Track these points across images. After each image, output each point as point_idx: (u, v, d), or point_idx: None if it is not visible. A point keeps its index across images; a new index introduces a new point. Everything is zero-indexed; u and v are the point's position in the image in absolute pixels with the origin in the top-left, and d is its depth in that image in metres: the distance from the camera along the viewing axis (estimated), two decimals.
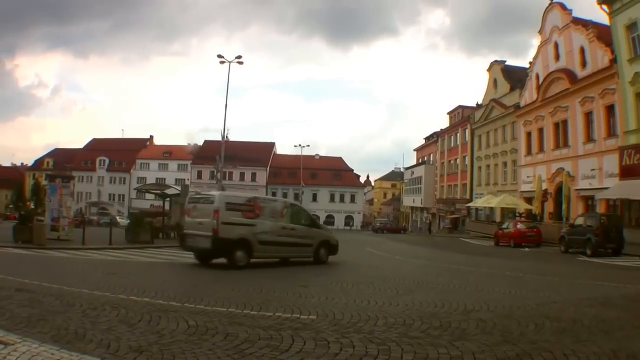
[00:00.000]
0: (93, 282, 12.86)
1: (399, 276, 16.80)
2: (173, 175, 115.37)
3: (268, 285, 13.43)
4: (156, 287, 12.51)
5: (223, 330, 7.66)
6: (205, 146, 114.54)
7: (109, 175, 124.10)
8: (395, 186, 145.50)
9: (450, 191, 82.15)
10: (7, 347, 6.32)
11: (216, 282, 14.24)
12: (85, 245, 25.85)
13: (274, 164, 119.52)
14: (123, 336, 7.15)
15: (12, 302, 9.47)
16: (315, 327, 8.07)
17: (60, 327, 7.59)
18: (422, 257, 27.61)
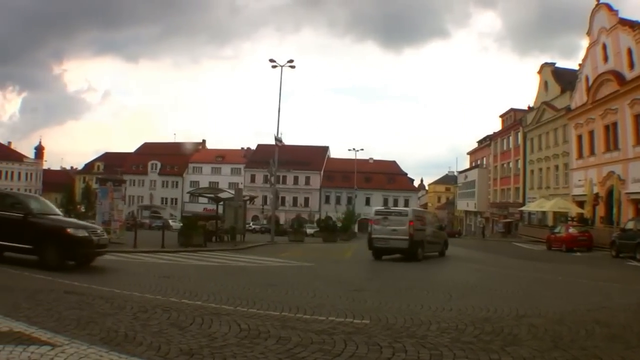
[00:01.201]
0: (144, 285, 13.00)
1: (452, 280, 17.59)
2: (226, 178, 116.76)
3: (321, 289, 13.58)
4: (208, 290, 12.57)
5: (275, 334, 7.66)
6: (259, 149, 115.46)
7: (161, 179, 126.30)
8: (449, 190, 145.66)
9: (503, 195, 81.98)
10: (54, 349, 6.32)
11: (269, 286, 14.26)
12: (136, 248, 26.14)
13: (328, 168, 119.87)
14: (173, 339, 7.15)
15: (60, 304, 9.53)
16: (368, 331, 8.06)
17: (109, 329, 7.61)
18: (475, 261, 28.22)
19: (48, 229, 15.48)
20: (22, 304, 9.20)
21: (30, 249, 15.14)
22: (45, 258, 14.99)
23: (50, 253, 14.99)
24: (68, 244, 15.24)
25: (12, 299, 9.64)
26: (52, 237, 15.22)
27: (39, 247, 15.03)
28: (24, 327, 7.33)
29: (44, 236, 15.14)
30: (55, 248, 15.05)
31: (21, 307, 8.90)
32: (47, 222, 15.99)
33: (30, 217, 15.60)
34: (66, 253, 15.32)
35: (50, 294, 10.59)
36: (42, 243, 15.02)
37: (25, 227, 15.22)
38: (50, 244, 15.05)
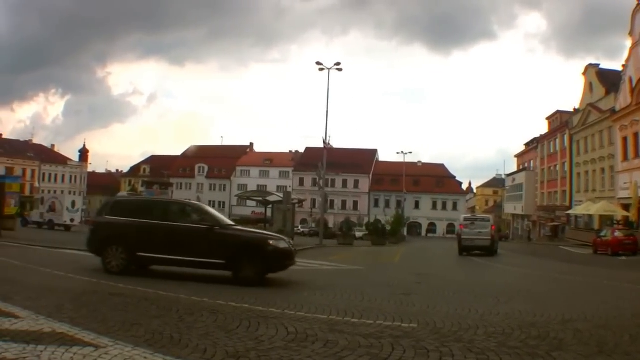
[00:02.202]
0: (191, 287, 12.98)
1: (500, 284, 18.04)
2: (274, 182, 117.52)
3: (370, 293, 13.60)
4: (255, 293, 12.54)
5: (323, 337, 7.68)
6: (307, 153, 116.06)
7: (208, 182, 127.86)
8: (496, 193, 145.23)
9: (550, 198, 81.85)
10: (97, 350, 6.36)
11: (317, 289, 14.25)
12: None
13: (376, 171, 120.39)
14: (220, 341, 7.17)
15: (105, 305, 9.66)
16: (415, 335, 8.11)
17: (155, 331, 7.65)
18: (522, 265, 28.99)
19: (246, 242, 14.85)
20: (66, 305, 9.32)
21: (222, 264, 14.46)
22: (243, 273, 14.16)
23: (248, 267, 14.19)
24: (271, 257, 14.53)
25: (56, 300, 9.78)
26: (252, 250, 14.51)
27: (235, 262, 14.26)
28: (67, 328, 7.40)
29: (241, 249, 14.47)
30: (255, 262, 14.25)
31: (64, 309, 9.01)
32: (244, 234, 15.50)
33: (218, 228, 14.91)
34: (267, 266, 14.55)
35: (94, 296, 10.77)
36: (239, 257, 14.31)
37: (214, 240, 14.55)
38: (250, 257, 14.31)
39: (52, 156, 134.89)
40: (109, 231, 15.16)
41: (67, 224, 50.30)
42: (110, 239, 14.92)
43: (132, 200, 19.21)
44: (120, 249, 14.68)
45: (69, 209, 51.46)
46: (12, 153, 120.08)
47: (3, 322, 7.47)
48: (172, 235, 14.71)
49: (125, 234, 14.83)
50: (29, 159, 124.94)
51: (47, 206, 51.72)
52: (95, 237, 15.47)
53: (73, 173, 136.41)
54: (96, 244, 15.27)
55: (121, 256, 14.65)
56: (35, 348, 6.22)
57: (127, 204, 17.02)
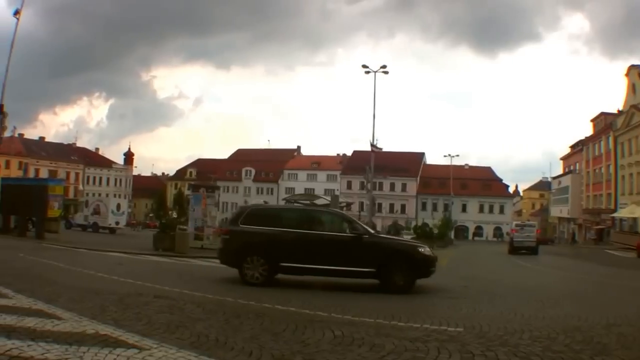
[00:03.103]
0: (237, 291, 13.07)
1: (545, 287, 18.43)
2: (322, 185, 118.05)
3: (417, 296, 13.79)
4: (302, 296, 12.68)
5: (369, 341, 7.69)
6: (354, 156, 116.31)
7: (255, 186, 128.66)
8: (543, 196, 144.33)
9: (596, 201, 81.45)
10: (141, 352, 6.40)
11: (364, 293, 14.26)
12: None
13: (424, 174, 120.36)
14: (266, 344, 7.19)
15: (150, 308, 9.73)
16: (461, 339, 8.14)
17: (200, 333, 7.69)
18: (566, 269, 29.70)
19: (398, 250, 15.08)
20: (110, 307, 9.42)
21: (372, 272, 14.43)
22: (393, 280, 14.18)
23: (399, 275, 14.25)
24: (420, 264, 14.67)
25: (100, 302, 9.90)
26: (403, 257, 14.62)
27: (386, 270, 14.27)
28: (110, 330, 7.47)
29: (392, 257, 14.52)
30: (405, 269, 14.32)
31: (108, 310, 9.12)
32: (393, 242, 16.05)
33: (367, 237, 14.92)
34: (416, 273, 14.57)
35: (139, 298, 10.84)
36: (390, 265, 14.34)
37: (363, 248, 14.53)
38: (401, 265, 14.38)
39: (97, 159, 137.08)
40: (247, 241, 14.94)
41: (111, 226, 51.14)
42: (249, 249, 14.75)
43: (269, 208, 19.34)
44: (260, 259, 14.54)
45: (113, 212, 52.29)
46: (55, 156, 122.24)
47: (45, 323, 7.54)
48: (318, 244, 14.69)
49: (266, 244, 14.69)
50: (73, 162, 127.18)
51: (91, 209, 52.63)
52: (230, 247, 15.24)
53: (118, 176, 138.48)
54: (232, 255, 15.10)
55: (262, 267, 14.50)
56: (78, 349, 6.26)
57: (263, 212, 17.02)
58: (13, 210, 31.33)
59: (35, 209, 30.16)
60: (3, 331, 6.84)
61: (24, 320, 7.54)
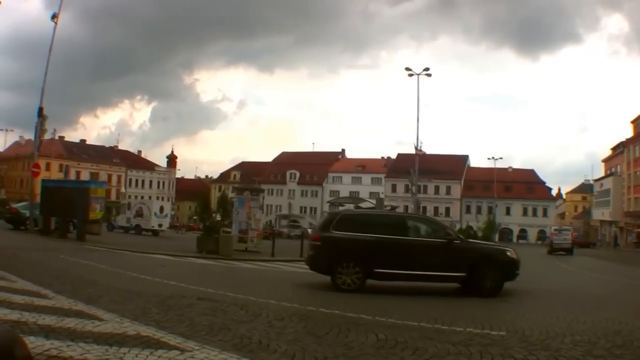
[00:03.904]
0: (281, 293, 13.20)
1: (586, 291, 18.58)
2: (366, 188, 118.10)
3: (460, 299, 14.04)
4: (346, 299, 12.70)
5: (412, 345, 7.79)
6: (399, 159, 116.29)
7: (300, 188, 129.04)
8: (585, 199, 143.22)
9: (637, 204, 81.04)
10: (183, 353, 6.46)
11: (407, 296, 14.38)
12: (274, 257, 26.78)
13: (468, 177, 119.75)
14: (309, 347, 7.26)
15: (192, 310, 9.81)
16: (504, 343, 8.28)
17: (243, 336, 7.75)
18: (608, 272, 29.67)
19: (488, 254, 15.54)
20: (152, 309, 9.54)
21: (463, 277, 14.75)
22: (484, 284, 14.50)
23: (488, 278, 14.57)
24: (507, 267, 15.04)
25: (142, 304, 10.03)
26: (493, 261, 14.99)
27: (477, 273, 14.58)
28: (152, 331, 7.56)
29: (483, 261, 14.86)
30: (495, 272, 14.68)
31: (150, 312, 9.24)
32: (483, 246, 16.64)
33: (457, 242, 15.39)
34: (504, 276, 14.93)
35: (182, 300, 10.94)
36: (481, 269, 14.64)
37: (454, 253, 14.87)
38: (490, 268, 14.72)
39: (139, 162, 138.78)
40: (341, 247, 14.90)
41: (154, 229, 51.60)
42: (342, 255, 14.71)
43: (361, 214, 19.00)
44: (355, 265, 14.53)
45: (156, 214, 52.80)
46: (97, 159, 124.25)
47: (86, 323, 7.65)
48: (410, 250, 14.81)
49: (360, 250, 14.71)
50: (115, 165, 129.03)
51: (133, 211, 53.19)
52: (323, 254, 15.14)
53: (161, 179, 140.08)
54: (325, 261, 15.01)
55: (356, 273, 14.48)
56: (118, 350, 6.35)
57: (355, 218, 16.93)
58: (53, 211, 31.78)
59: (76, 211, 30.55)
60: (42, 331, 6.93)
61: (64, 321, 7.65)
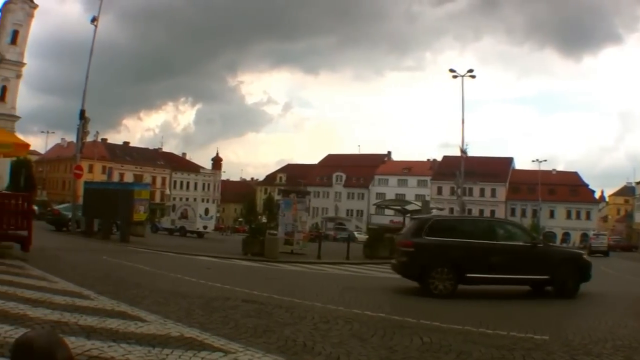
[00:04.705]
0: (326, 296, 13.21)
1: (629, 296, 18.69)
2: (412, 190, 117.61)
3: (504, 303, 14.07)
4: (392, 302, 12.98)
5: (456, 348, 7.90)
6: (444, 161, 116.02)
7: (346, 191, 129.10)
8: (627, 202, 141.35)
9: None
10: (226, 355, 6.51)
11: (452, 299, 14.26)
12: (320, 260, 26.78)
13: (513, 179, 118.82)
14: (354, 350, 7.30)
15: (237, 312, 9.87)
16: (546, 347, 8.35)
17: (287, 338, 7.80)
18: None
19: (568, 257, 16.39)
20: (196, 311, 9.64)
21: (547, 280, 15.24)
22: (566, 286, 15.11)
23: (569, 281, 15.19)
24: (584, 269, 15.55)
25: (186, 306, 10.13)
26: (573, 264, 15.68)
27: (559, 276, 15.08)
28: (196, 333, 7.63)
29: (564, 264, 15.52)
30: (574, 275, 15.31)
31: (195, 314, 9.33)
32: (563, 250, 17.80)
33: (541, 245, 16.19)
34: (581, 278, 15.47)
35: (227, 302, 11.02)
36: (563, 271, 15.20)
37: (538, 256, 15.40)
38: (571, 271, 15.35)
39: (184, 164, 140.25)
40: (435, 253, 14.98)
41: (199, 230, 51.93)
42: (435, 261, 14.79)
43: (452, 220, 19.85)
44: (449, 271, 14.63)
45: (201, 216, 53.11)
46: (140, 161, 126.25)
47: (128, 324, 7.76)
48: (499, 254, 15.11)
49: (453, 255, 14.85)
50: (159, 167, 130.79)
51: (178, 213, 53.63)
52: (417, 260, 15.07)
53: (206, 181, 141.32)
54: (418, 268, 14.97)
55: (449, 279, 14.58)
56: (161, 351, 6.41)
57: (447, 224, 17.22)
58: (96, 213, 32.23)
59: (120, 213, 30.94)
60: (83, 332, 7.05)
61: (106, 322, 7.77)
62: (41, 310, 8.20)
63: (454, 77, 50.82)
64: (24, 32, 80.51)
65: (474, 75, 50.82)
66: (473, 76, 50.84)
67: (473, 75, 50.79)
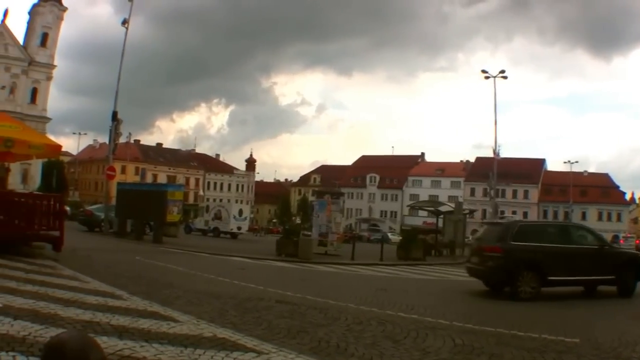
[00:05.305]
0: (360, 297, 13.20)
1: None
2: (445, 192, 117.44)
3: (537, 305, 13.94)
4: (425, 304, 12.81)
5: (488, 350, 8.02)
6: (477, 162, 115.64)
7: (380, 192, 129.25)
8: None
9: None
10: (259, 356, 6.53)
11: (484, 301, 14.56)
12: (353, 261, 26.74)
13: (545, 181, 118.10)
14: (386, 351, 7.35)
15: (270, 312, 9.92)
16: (577, 350, 8.41)
17: (320, 339, 7.84)
18: None
19: (629, 258, 17.11)
20: (230, 311, 9.69)
21: (612, 280, 15.83)
22: (629, 285, 15.92)
23: (631, 280, 15.99)
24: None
25: (219, 306, 10.20)
26: (633, 264, 16.43)
27: (621, 277, 15.77)
28: (229, 333, 7.66)
29: (627, 265, 16.28)
30: (635, 274, 16.09)
31: (228, 314, 9.39)
32: (624, 252, 18.30)
33: (607, 247, 16.92)
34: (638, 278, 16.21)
35: (260, 303, 11.06)
36: (625, 272, 15.95)
37: (605, 258, 16.02)
38: (632, 271, 16.14)
39: (217, 165, 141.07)
40: (521, 257, 15.32)
41: (233, 231, 52.08)
42: (522, 265, 15.19)
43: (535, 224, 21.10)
44: (534, 275, 15.06)
45: (235, 217, 53.26)
46: (174, 162, 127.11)
47: (161, 324, 7.80)
48: (576, 257, 15.67)
49: (537, 259, 15.28)
50: (193, 168, 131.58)
51: (212, 214, 53.84)
52: (505, 264, 15.35)
53: (240, 182, 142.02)
54: (506, 272, 15.28)
55: (534, 282, 14.99)
56: (193, 351, 6.44)
57: (531, 229, 17.94)
58: (130, 214, 32.50)
59: (153, 214, 31.16)
60: (115, 332, 7.08)
61: (138, 322, 7.82)
62: (73, 310, 8.27)
63: (486, 78, 50.67)
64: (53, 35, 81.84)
65: (506, 76, 50.66)
66: (505, 77, 50.64)
67: (505, 76, 50.61)
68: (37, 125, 69.00)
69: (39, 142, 17.19)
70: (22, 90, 78.29)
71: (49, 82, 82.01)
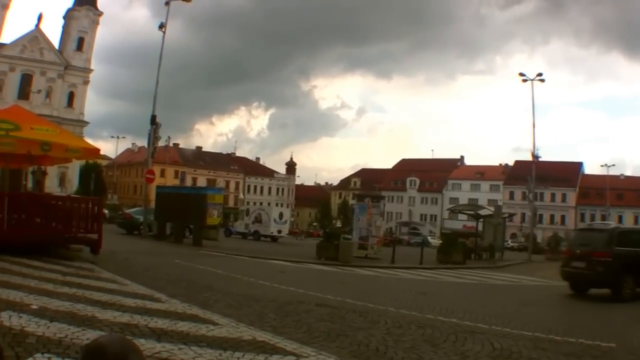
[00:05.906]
0: (400, 301, 13.20)
1: None
2: (485, 195, 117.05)
3: (574, 310, 14.49)
4: (465, 307, 12.81)
5: (526, 355, 8.09)
6: (516, 166, 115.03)
7: (420, 195, 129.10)
8: None
9: None
10: (299, 359, 6.55)
11: (524, 305, 14.49)
12: (394, 264, 26.77)
13: (582, 184, 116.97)
14: (425, 355, 7.39)
15: (310, 316, 9.95)
16: (612, 355, 8.60)
17: (360, 342, 7.83)
18: None
19: None
20: (269, 315, 9.71)
21: None
22: None
23: None
24: None
25: (259, 309, 10.21)
26: None
27: None
28: (268, 336, 7.67)
29: None
30: None
31: (267, 318, 9.40)
32: None
33: None
34: None
35: (300, 306, 11.10)
36: None
37: None
38: None
39: (257, 168, 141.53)
40: (627, 262, 16.34)
41: (273, 235, 52.25)
42: (628, 269, 16.31)
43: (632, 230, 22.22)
44: (632, 278, 16.26)
45: (276, 221, 53.42)
46: (213, 165, 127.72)
47: (200, 327, 7.82)
48: None
49: (636, 263, 16.29)
50: (233, 171, 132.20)
51: (252, 217, 54.07)
52: (613, 269, 16.22)
53: (280, 185, 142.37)
54: (614, 276, 16.20)
55: (633, 284, 16.25)
56: (232, 354, 6.46)
57: (629, 234, 19.18)
58: (169, 217, 32.78)
59: (193, 217, 31.36)
60: (153, 334, 7.14)
61: (177, 324, 7.86)
62: (110, 312, 8.33)
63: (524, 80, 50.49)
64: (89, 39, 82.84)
65: (543, 79, 50.52)
66: (542, 80, 50.48)
67: (542, 79, 50.44)
68: (74, 128, 69.86)
69: (76, 146, 17.37)
70: (59, 94, 79.52)
71: (85, 86, 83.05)
